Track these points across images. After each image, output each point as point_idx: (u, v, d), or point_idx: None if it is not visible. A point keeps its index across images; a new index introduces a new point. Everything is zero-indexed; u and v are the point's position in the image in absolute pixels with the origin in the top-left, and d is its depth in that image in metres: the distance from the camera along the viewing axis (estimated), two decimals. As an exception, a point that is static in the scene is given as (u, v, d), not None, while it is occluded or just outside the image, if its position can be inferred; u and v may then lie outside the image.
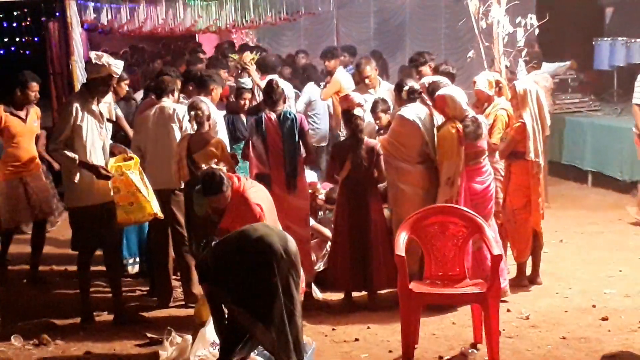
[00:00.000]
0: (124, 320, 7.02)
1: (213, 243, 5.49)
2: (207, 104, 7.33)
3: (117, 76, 7.00)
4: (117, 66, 6.80)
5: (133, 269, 8.34)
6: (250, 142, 7.39)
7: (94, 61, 6.77)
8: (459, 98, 7.05)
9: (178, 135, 7.34)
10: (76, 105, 6.75)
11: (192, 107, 7.18)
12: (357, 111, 7.23)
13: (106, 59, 6.77)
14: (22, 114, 8.17)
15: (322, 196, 8.17)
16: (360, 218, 7.18)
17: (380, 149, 7.21)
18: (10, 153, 8.15)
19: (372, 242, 7.16)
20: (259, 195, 6.19)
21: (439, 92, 7.15)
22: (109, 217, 6.93)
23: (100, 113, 6.90)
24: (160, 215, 7.11)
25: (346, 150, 7.21)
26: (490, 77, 7.77)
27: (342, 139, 8.29)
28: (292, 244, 5.37)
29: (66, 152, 6.69)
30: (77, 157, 6.69)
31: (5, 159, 8.16)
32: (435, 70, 8.69)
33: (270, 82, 7.63)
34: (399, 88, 7.51)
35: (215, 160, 6.29)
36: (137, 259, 8.32)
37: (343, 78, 10.40)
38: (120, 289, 7.22)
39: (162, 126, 7.41)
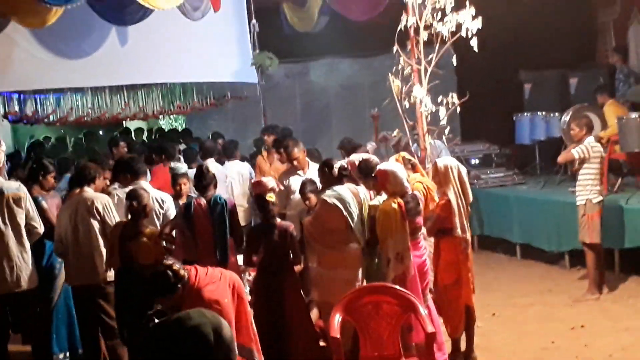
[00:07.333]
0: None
1: (144, 333, 5.33)
2: (148, 191, 7.27)
3: None
4: None
5: (64, 364, 8.12)
6: (177, 228, 7.34)
7: None
8: (400, 174, 7.02)
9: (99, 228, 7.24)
10: None
11: (129, 196, 7.10)
12: (268, 196, 7.20)
13: None
14: None
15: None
16: (275, 302, 7.02)
17: (293, 231, 7.15)
18: None
19: (287, 326, 6.98)
20: (219, 290, 5.71)
21: (381, 167, 7.13)
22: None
23: None
24: None
25: (259, 235, 7.16)
26: (398, 155, 7.97)
27: None
28: (227, 330, 5.17)
29: None
30: None
31: None
32: (353, 150, 8.77)
33: (200, 167, 7.64)
34: (325, 168, 7.55)
35: (168, 256, 5.90)
36: (67, 354, 8.09)
37: None
38: None
39: (82, 219, 7.26)
